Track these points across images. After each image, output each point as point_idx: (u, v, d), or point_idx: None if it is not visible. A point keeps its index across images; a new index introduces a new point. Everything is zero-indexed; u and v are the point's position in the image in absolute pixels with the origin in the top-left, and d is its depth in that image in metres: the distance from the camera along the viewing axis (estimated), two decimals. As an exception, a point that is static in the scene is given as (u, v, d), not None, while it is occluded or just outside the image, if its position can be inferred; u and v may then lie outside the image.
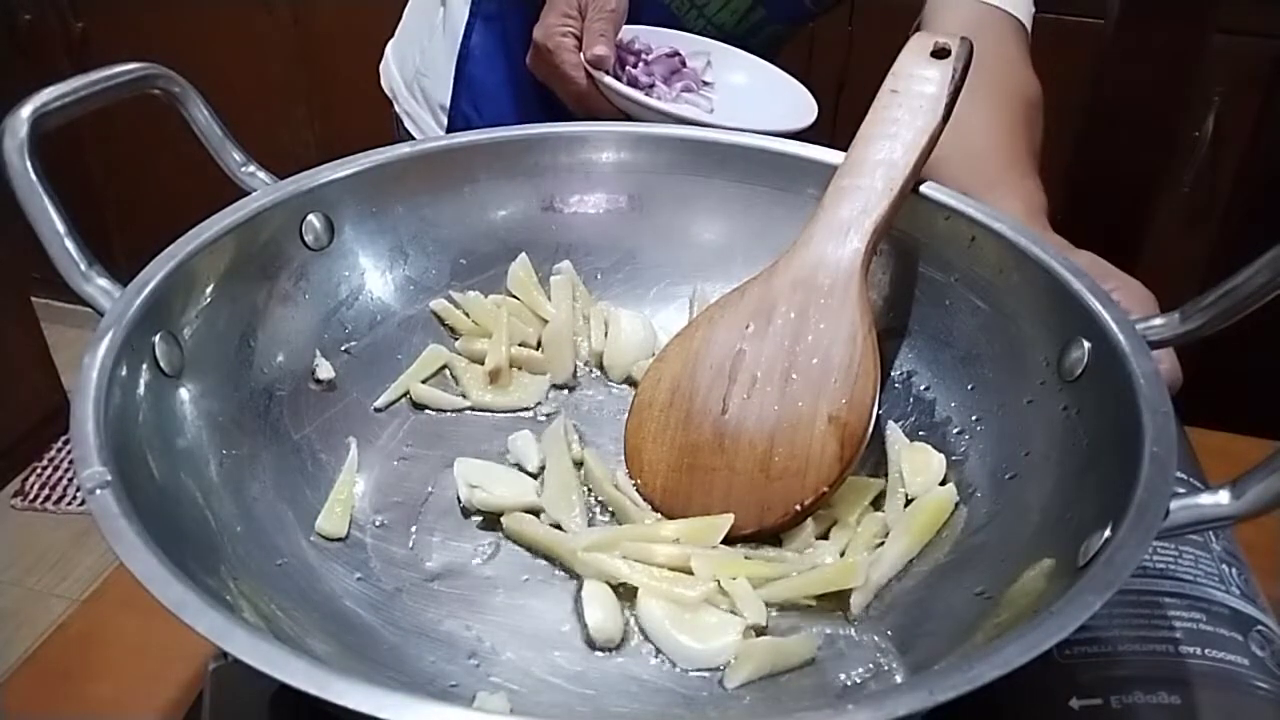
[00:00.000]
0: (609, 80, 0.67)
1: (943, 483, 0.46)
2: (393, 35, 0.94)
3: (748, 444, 0.45)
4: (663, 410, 0.48)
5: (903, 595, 0.42)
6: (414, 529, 0.46)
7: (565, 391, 0.53)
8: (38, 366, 1.79)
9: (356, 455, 0.48)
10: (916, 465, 0.46)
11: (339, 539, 0.45)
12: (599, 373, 0.54)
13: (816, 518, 0.45)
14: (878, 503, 0.46)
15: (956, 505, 0.45)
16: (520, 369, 0.53)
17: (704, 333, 0.48)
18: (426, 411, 0.51)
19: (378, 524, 0.46)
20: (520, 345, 0.53)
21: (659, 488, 0.46)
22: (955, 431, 0.48)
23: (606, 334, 0.54)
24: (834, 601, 0.42)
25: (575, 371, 0.54)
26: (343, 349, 0.52)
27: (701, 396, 0.47)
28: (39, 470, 1.80)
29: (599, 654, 0.40)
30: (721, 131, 0.56)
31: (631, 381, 0.53)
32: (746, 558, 0.43)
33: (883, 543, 0.43)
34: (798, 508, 0.44)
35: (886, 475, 0.47)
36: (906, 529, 0.43)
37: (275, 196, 0.50)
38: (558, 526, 0.45)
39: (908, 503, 0.45)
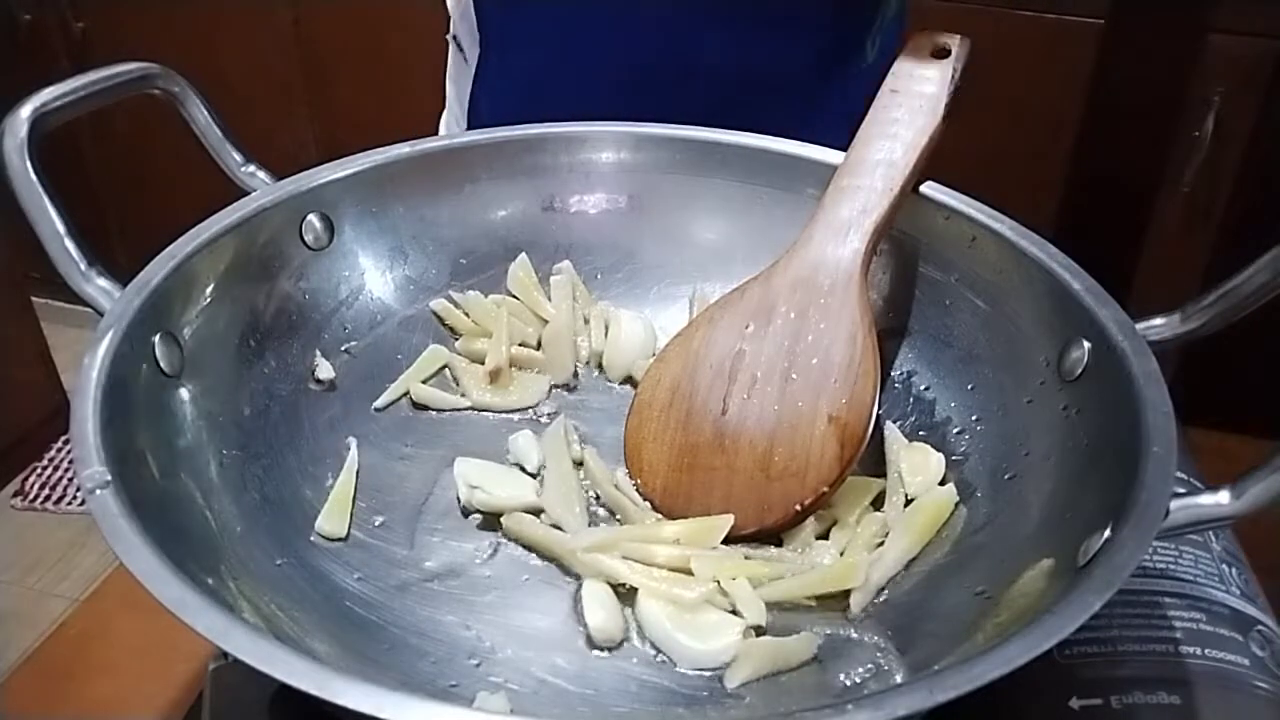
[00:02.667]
0: None
1: (943, 483, 0.46)
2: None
3: (748, 444, 0.45)
4: (663, 410, 0.48)
5: (903, 595, 0.42)
6: (414, 529, 0.46)
7: (565, 391, 0.53)
8: (38, 366, 1.79)
9: (356, 455, 0.48)
10: (916, 465, 0.46)
11: (339, 539, 0.45)
12: (599, 373, 0.54)
13: (817, 518, 0.45)
14: (878, 503, 0.46)
15: (956, 505, 0.45)
16: (520, 369, 0.53)
17: (704, 333, 0.48)
18: (426, 411, 0.51)
19: (378, 524, 0.46)
20: (520, 345, 0.53)
21: (659, 488, 0.46)
22: (955, 431, 0.48)
23: (606, 334, 0.54)
24: (834, 601, 0.42)
25: (575, 371, 0.54)
26: (343, 349, 0.52)
27: (701, 396, 0.47)
28: (39, 470, 1.80)
29: (599, 654, 0.40)
30: (721, 132, 0.56)
31: (631, 381, 0.53)
32: (746, 558, 0.43)
33: (883, 543, 0.43)
34: (798, 508, 0.44)
35: (886, 475, 0.47)
36: (906, 529, 0.43)
37: (275, 196, 0.50)
38: (558, 527, 0.45)
39: (908, 503, 0.45)
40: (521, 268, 0.55)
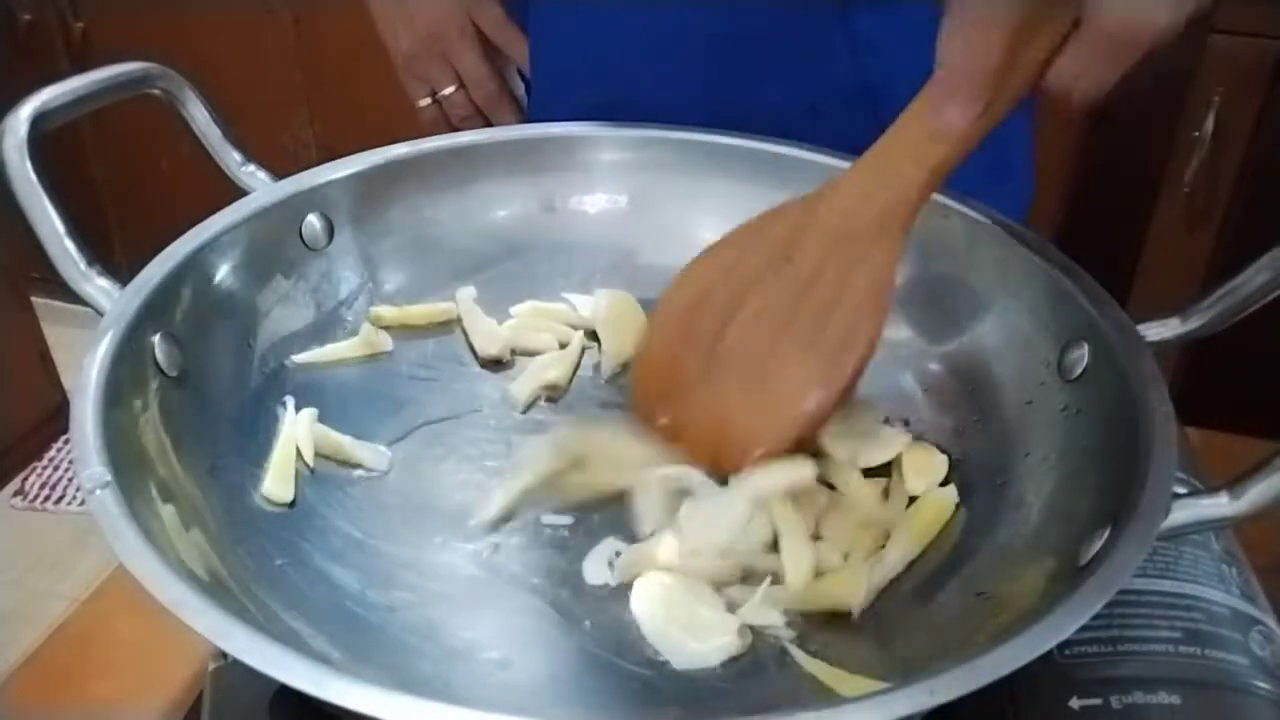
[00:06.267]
0: None
1: (944, 483, 0.46)
2: None
3: (731, 383, 0.45)
4: (673, 328, 0.47)
5: (903, 596, 0.42)
6: (414, 529, 0.45)
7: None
8: (38, 366, 1.79)
9: (293, 413, 0.47)
10: (919, 465, 0.46)
11: (286, 504, 0.44)
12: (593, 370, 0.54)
13: (819, 520, 0.44)
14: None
15: (957, 506, 0.44)
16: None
17: (728, 255, 0.47)
18: (426, 415, 0.51)
19: (378, 524, 0.46)
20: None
21: (649, 395, 0.47)
22: (955, 432, 0.48)
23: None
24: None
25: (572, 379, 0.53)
26: (343, 349, 0.52)
27: (705, 323, 0.46)
28: (39, 470, 1.80)
29: (600, 655, 0.40)
30: (721, 133, 0.56)
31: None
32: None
33: (884, 544, 0.43)
34: (743, 463, 0.44)
35: (888, 475, 0.47)
36: (907, 530, 0.43)
37: (275, 196, 0.50)
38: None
39: (911, 502, 0.45)
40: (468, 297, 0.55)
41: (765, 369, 0.45)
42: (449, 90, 0.69)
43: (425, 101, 0.70)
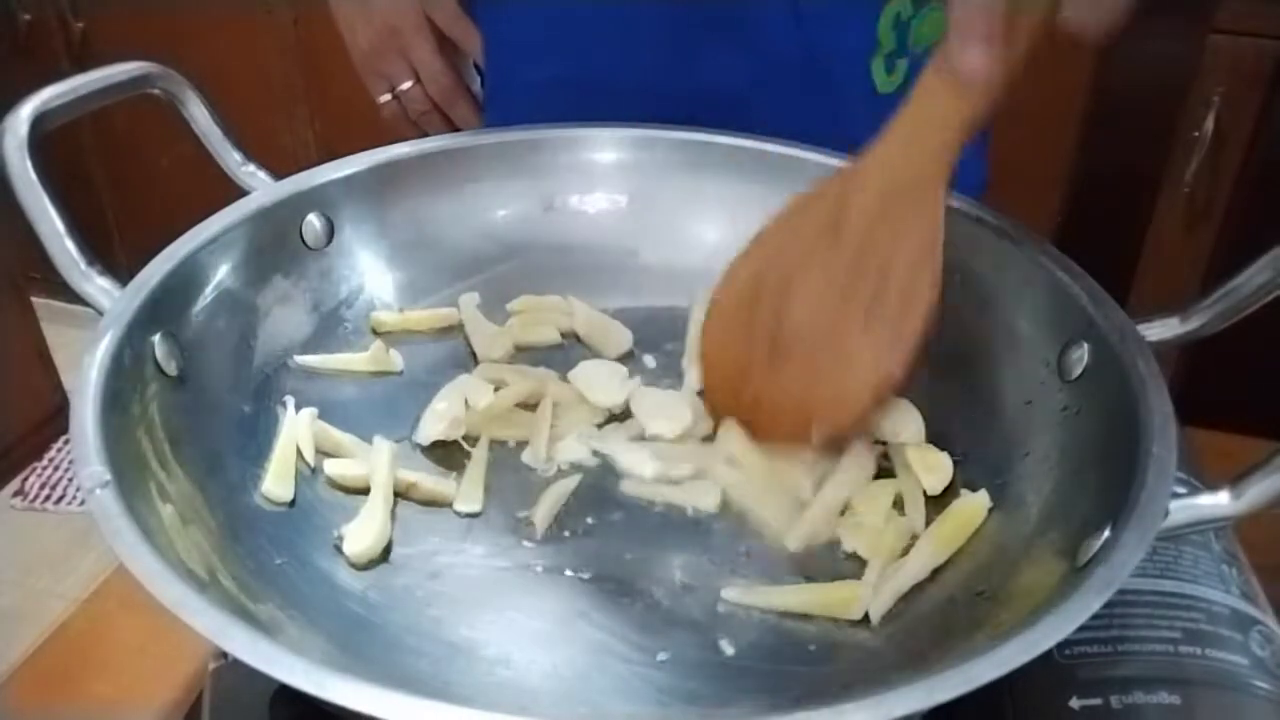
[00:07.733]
0: None
1: (952, 482, 0.45)
2: None
3: (796, 363, 0.46)
4: (731, 313, 0.48)
5: (904, 595, 0.42)
6: (415, 529, 0.46)
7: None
8: (38, 366, 1.79)
9: (293, 412, 0.47)
10: (929, 464, 0.46)
11: (286, 504, 0.44)
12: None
13: (844, 528, 0.44)
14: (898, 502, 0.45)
15: (990, 511, 0.43)
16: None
17: (779, 239, 0.47)
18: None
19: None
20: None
21: (717, 385, 0.48)
22: (955, 431, 0.48)
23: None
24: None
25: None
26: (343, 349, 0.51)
27: (765, 306, 0.47)
28: (39, 470, 1.80)
29: (600, 652, 0.40)
30: (721, 132, 0.56)
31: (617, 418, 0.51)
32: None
33: (908, 547, 0.43)
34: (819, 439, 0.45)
35: (894, 475, 0.46)
36: (933, 537, 0.43)
37: (275, 196, 0.50)
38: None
39: (927, 501, 0.45)
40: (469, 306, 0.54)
41: (831, 346, 0.45)
42: (406, 85, 0.70)
43: (386, 97, 0.71)
